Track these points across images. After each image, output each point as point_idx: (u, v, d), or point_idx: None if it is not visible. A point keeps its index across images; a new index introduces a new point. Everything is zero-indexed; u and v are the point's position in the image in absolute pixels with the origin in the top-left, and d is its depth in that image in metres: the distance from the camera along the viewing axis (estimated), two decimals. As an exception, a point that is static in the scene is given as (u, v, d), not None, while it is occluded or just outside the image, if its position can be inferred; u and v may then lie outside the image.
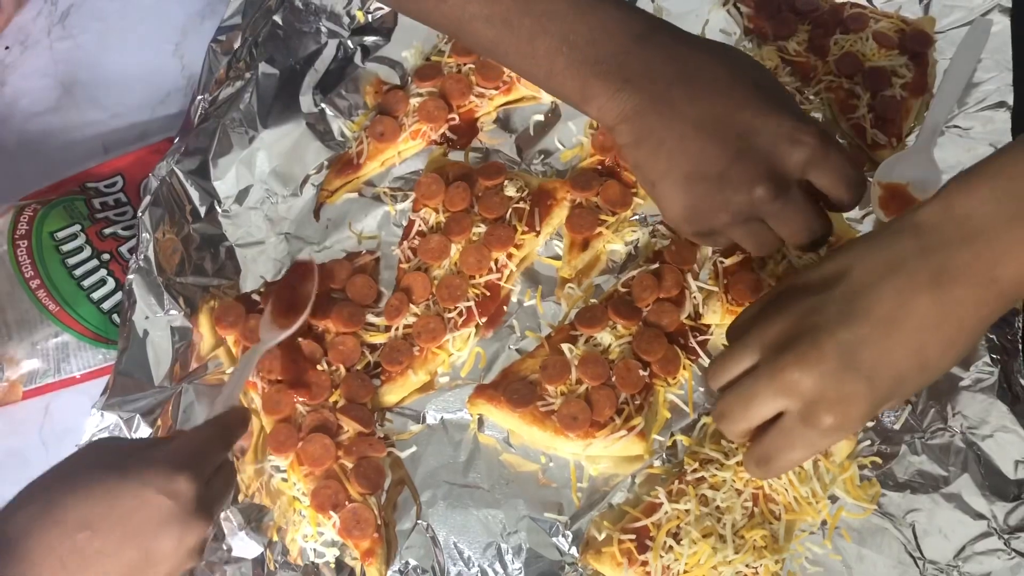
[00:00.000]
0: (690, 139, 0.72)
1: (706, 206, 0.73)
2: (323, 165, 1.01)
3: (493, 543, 0.84)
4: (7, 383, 0.94)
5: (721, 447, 0.84)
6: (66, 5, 1.15)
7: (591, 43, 0.72)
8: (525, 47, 0.74)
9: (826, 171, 0.72)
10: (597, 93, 0.73)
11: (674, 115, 0.72)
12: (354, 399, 0.88)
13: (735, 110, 0.72)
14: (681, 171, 0.72)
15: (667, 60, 0.72)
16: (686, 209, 0.74)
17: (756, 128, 0.71)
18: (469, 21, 0.75)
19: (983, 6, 1.03)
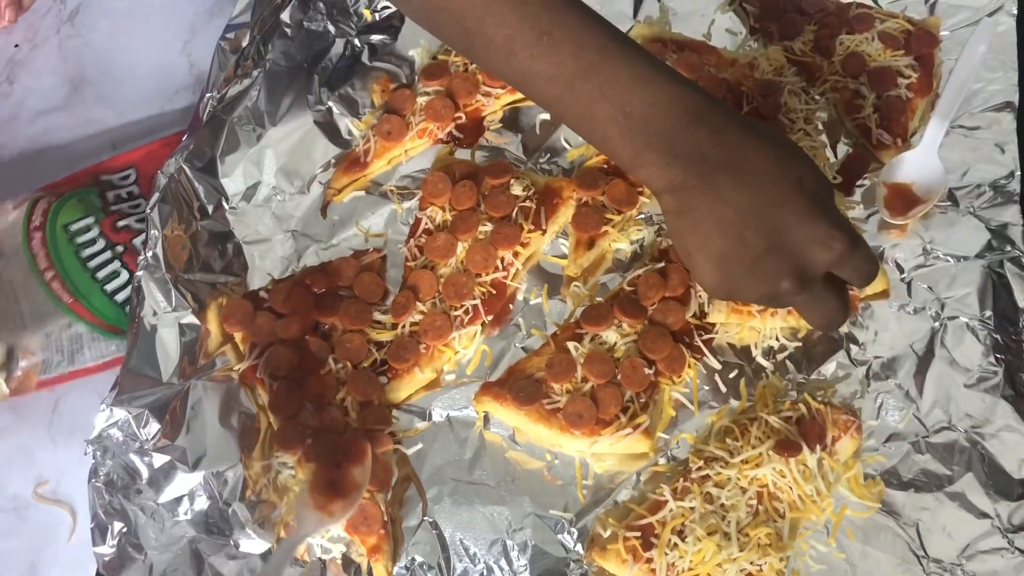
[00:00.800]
0: (728, 224, 0.75)
1: (734, 286, 0.78)
2: (330, 163, 1.02)
3: (499, 540, 0.84)
4: (21, 373, 0.94)
5: (726, 445, 0.85)
6: (75, 3, 1.16)
7: (646, 117, 0.75)
8: (584, 110, 0.77)
9: (848, 269, 0.78)
10: (648, 162, 0.76)
11: (717, 198, 0.75)
12: (361, 396, 0.88)
13: (775, 206, 0.75)
14: (715, 250, 0.76)
15: (718, 144, 0.75)
16: (715, 284, 0.78)
17: (791, 227, 0.75)
18: (534, 79, 0.77)
19: (989, 7, 1.03)
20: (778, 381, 0.89)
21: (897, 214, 0.94)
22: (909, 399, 0.87)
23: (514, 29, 0.76)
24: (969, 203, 0.95)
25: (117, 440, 0.86)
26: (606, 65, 0.75)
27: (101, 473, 0.85)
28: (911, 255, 0.93)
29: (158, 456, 0.86)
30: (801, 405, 0.86)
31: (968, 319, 0.90)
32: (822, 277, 0.77)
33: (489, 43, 0.77)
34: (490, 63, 0.80)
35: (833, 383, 0.89)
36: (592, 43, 0.76)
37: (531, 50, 0.76)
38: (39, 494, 0.92)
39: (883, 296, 0.92)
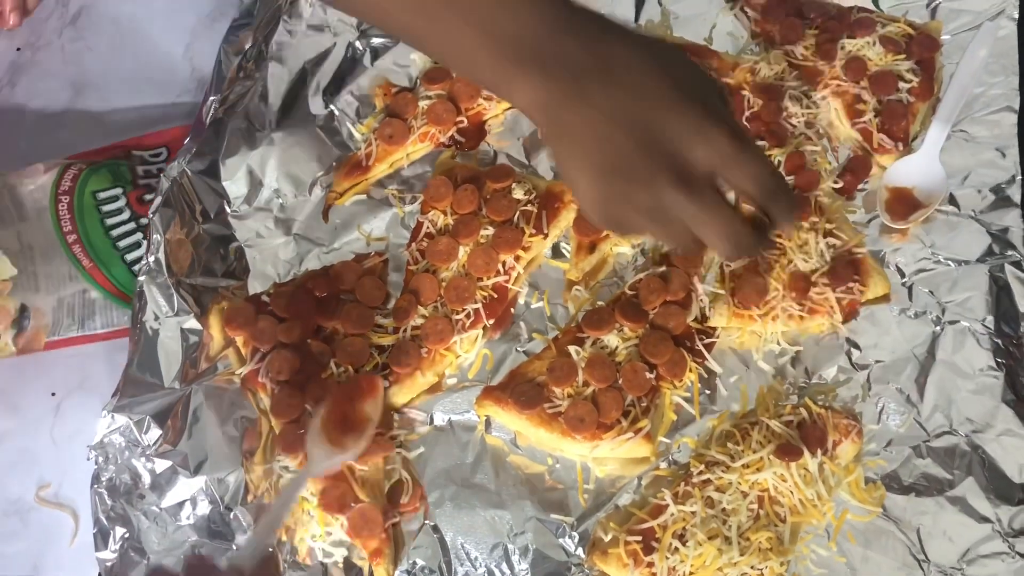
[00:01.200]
0: (599, 128, 0.69)
1: (617, 202, 0.71)
2: (332, 166, 1.02)
3: (500, 544, 0.84)
4: (31, 332, 0.96)
5: (727, 450, 0.85)
6: (77, 7, 1.16)
7: (513, 36, 0.71)
8: (449, 39, 0.73)
9: (736, 170, 0.69)
10: (518, 84, 0.71)
11: (586, 106, 0.70)
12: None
13: (647, 104, 0.69)
14: (591, 162, 0.70)
15: (585, 51, 0.70)
16: (598, 204, 0.72)
17: (663, 121, 0.69)
18: (395, 13, 0.74)
19: (990, 11, 1.03)
20: (779, 385, 0.89)
21: (898, 218, 0.94)
22: (910, 403, 0.88)
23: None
24: (970, 207, 0.95)
25: (119, 446, 0.86)
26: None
27: (103, 479, 0.85)
28: (912, 259, 0.93)
29: (160, 461, 0.86)
30: (802, 409, 0.86)
31: (969, 323, 0.90)
32: (713, 187, 0.70)
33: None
34: (347, 4, 0.78)
35: (834, 387, 0.89)
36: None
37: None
38: (41, 497, 0.92)
39: (884, 300, 0.92)
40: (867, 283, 0.91)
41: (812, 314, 0.90)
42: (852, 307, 0.91)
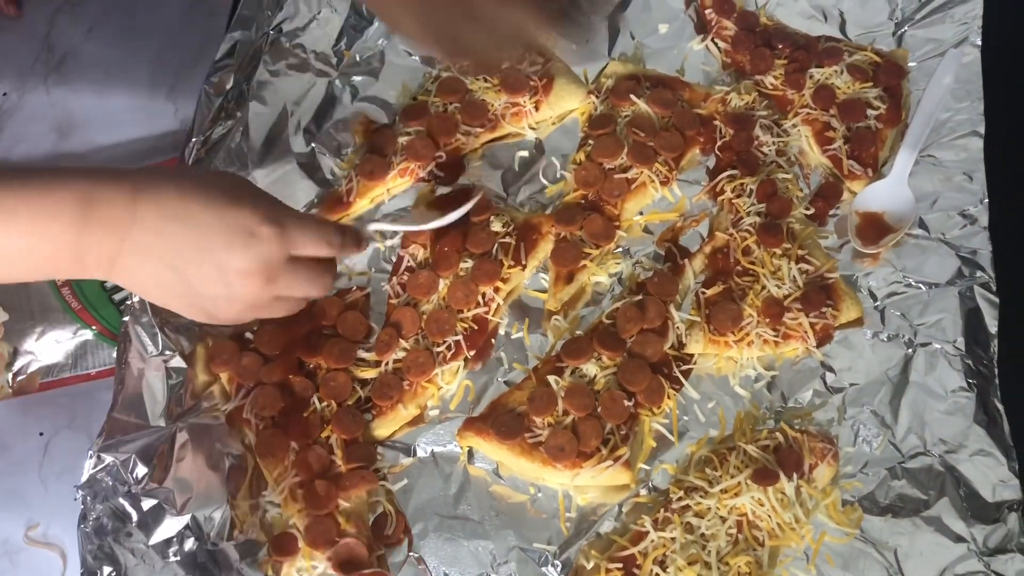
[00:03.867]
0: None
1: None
2: (313, 202, 1.03)
3: (484, 574, 0.85)
4: (26, 375, 0.98)
5: (706, 475, 0.86)
6: (63, 52, 1.18)
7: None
8: None
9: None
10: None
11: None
12: (346, 434, 0.89)
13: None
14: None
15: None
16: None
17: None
18: None
19: (954, 39, 1.06)
20: (756, 410, 0.91)
21: (869, 243, 0.96)
22: (885, 425, 0.89)
23: None
24: (939, 231, 0.97)
25: (106, 485, 0.87)
26: None
27: (90, 518, 0.86)
28: (884, 283, 0.95)
29: (146, 499, 0.87)
30: (778, 434, 0.88)
31: (941, 345, 0.91)
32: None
33: None
34: None
35: (810, 411, 0.90)
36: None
37: None
38: (30, 537, 0.93)
39: (857, 324, 0.93)
40: (840, 307, 0.93)
41: (787, 339, 0.92)
42: (826, 331, 0.92)
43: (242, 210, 0.75)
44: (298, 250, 0.78)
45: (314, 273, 0.80)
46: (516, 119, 1.05)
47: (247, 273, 0.76)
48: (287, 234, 0.76)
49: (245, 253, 0.75)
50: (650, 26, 1.11)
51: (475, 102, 1.05)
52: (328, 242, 0.80)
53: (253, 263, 0.75)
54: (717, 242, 0.97)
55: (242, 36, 1.10)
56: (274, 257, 0.76)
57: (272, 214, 0.76)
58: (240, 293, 0.76)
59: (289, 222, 0.77)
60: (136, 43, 1.18)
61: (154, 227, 0.74)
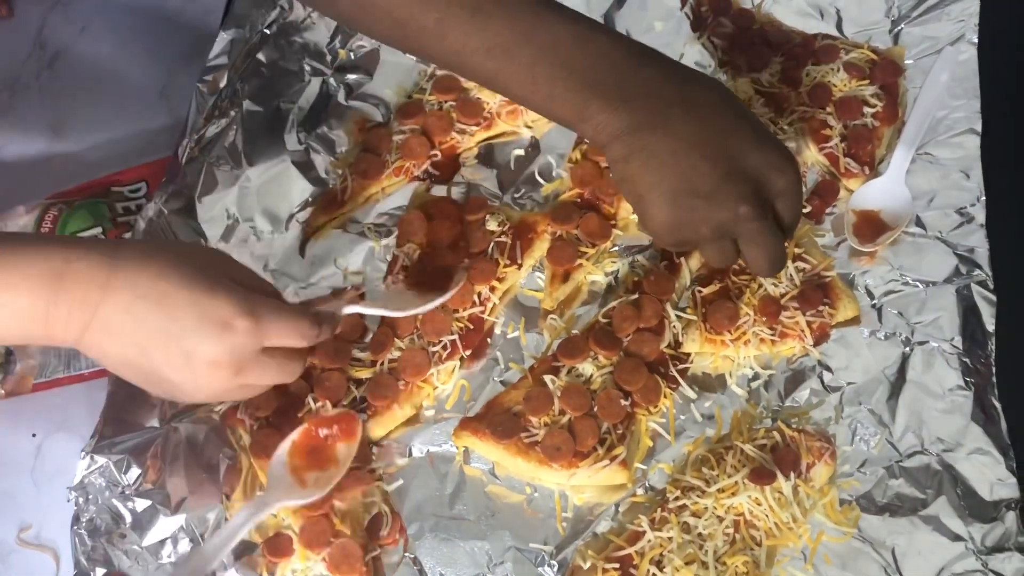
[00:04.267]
0: (682, 156, 0.76)
1: (690, 220, 0.78)
2: (308, 202, 1.03)
3: (480, 574, 0.85)
4: (18, 375, 0.96)
5: (702, 475, 0.86)
6: (54, 51, 1.17)
7: (590, 67, 0.77)
8: (525, 75, 0.78)
9: (789, 201, 0.79)
10: (595, 112, 0.77)
11: (668, 133, 0.76)
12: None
13: (727, 135, 0.77)
14: (670, 185, 0.77)
15: (663, 83, 0.78)
16: (669, 221, 0.79)
17: (747, 153, 0.77)
18: (471, 55, 0.79)
19: (951, 36, 1.05)
20: (752, 409, 0.90)
21: (866, 241, 0.96)
22: (882, 424, 0.89)
23: (444, 11, 0.78)
24: (936, 229, 0.97)
25: (99, 486, 0.86)
26: (542, 27, 0.77)
27: (83, 519, 0.85)
28: (881, 281, 0.95)
29: (140, 500, 0.86)
30: (775, 433, 0.87)
31: (938, 343, 0.91)
32: (773, 212, 0.78)
33: (421, 30, 0.79)
34: (424, 49, 0.82)
35: (807, 410, 0.90)
36: (525, 10, 0.78)
37: (464, 27, 0.78)
38: (23, 539, 0.92)
39: (854, 322, 0.93)
40: (837, 306, 0.92)
41: (783, 338, 0.92)
42: (823, 330, 0.92)
43: (217, 298, 0.73)
44: (271, 342, 0.76)
45: (285, 361, 0.79)
46: (512, 117, 1.04)
47: (216, 364, 0.74)
48: (261, 327, 0.74)
49: (216, 344, 0.73)
50: (645, 24, 1.10)
51: (470, 100, 1.04)
52: (303, 334, 0.78)
53: (223, 355, 0.73)
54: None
55: (236, 34, 1.10)
56: (246, 350, 0.74)
57: (248, 305, 0.74)
58: (206, 382, 0.75)
59: (265, 314, 0.75)
60: (129, 42, 1.18)
61: (125, 306, 0.72)
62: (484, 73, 0.80)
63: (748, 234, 0.78)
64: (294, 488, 0.81)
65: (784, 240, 0.80)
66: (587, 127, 0.79)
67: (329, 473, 0.84)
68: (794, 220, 0.80)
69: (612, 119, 0.77)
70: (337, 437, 0.85)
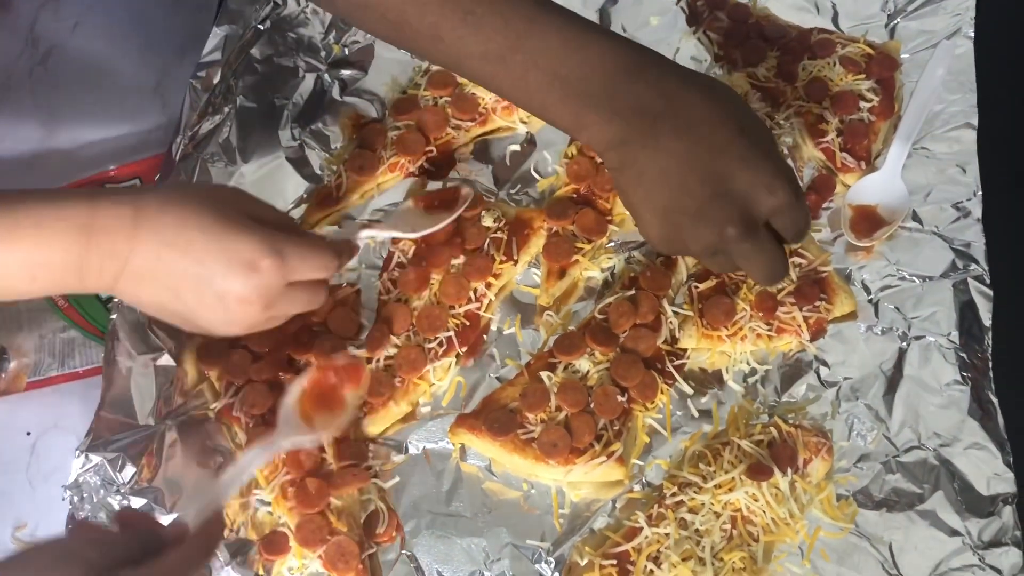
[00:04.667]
0: (672, 174, 0.75)
1: (679, 236, 0.77)
2: (303, 198, 1.02)
3: (477, 571, 0.85)
4: (11, 373, 0.96)
5: (699, 470, 0.86)
6: (47, 46, 1.16)
7: (581, 78, 0.76)
8: (518, 82, 0.78)
9: (787, 219, 0.77)
10: (589, 123, 0.77)
11: (658, 149, 0.75)
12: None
13: (717, 152, 0.75)
14: (659, 203, 0.76)
15: (656, 95, 0.75)
16: (660, 235, 0.79)
17: (735, 173, 0.74)
18: (466, 59, 0.79)
19: (947, 30, 1.05)
20: (749, 404, 0.90)
21: (862, 236, 0.96)
22: (879, 419, 0.89)
23: (436, 15, 0.77)
24: (933, 223, 0.96)
25: (94, 485, 0.86)
26: (534, 34, 0.76)
27: (79, 518, 0.85)
28: (878, 276, 0.95)
29: (135, 499, 0.86)
30: (772, 428, 0.87)
31: (935, 338, 0.91)
32: (766, 227, 0.77)
33: (415, 33, 0.79)
34: (420, 51, 0.82)
35: (804, 405, 0.90)
36: (517, 15, 0.77)
37: (457, 32, 0.77)
38: (17, 538, 0.92)
39: (851, 317, 0.93)
40: (833, 301, 0.92)
41: (780, 333, 0.92)
42: (819, 325, 0.92)
43: (241, 239, 0.75)
44: (297, 277, 0.78)
45: (309, 293, 0.81)
46: (507, 113, 1.04)
47: (246, 301, 0.76)
48: (286, 264, 0.76)
49: (245, 283, 0.75)
50: (641, 19, 1.10)
51: (465, 96, 1.04)
52: (325, 266, 0.81)
53: (253, 292, 0.76)
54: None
55: (229, 30, 1.09)
56: (273, 286, 0.76)
57: (272, 243, 0.76)
58: (239, 318, 0.77)
59: (288, 250, 0.77)
60: (122, 38, 1.17)
61: (154, 253, 0.74)
62: (481, 77, 0.80)
63: (738, 253, 0.77)
64: (302, 428, 0.82)
65: (783, 252, 0.78)
66: (582, 135, 0.79)
67: (336, 416, 0.85)
68: (796, 235, 0.78)
69: (604, 131, 0.76)
70: (345, 383, 0.86)
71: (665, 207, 0.76)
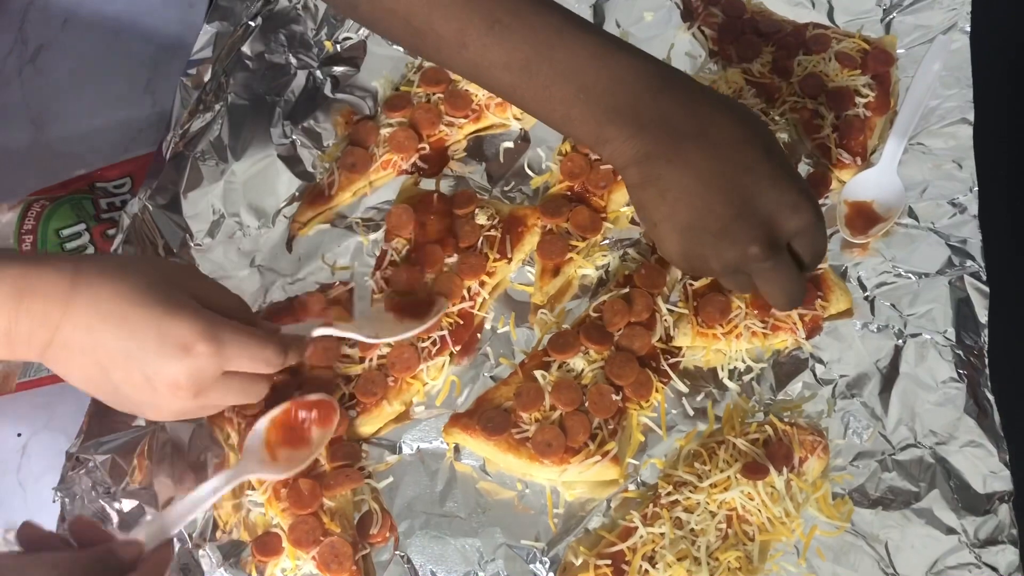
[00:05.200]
0: (696, 193, 0.75)
1: (700, 254, 0.78)
2: (295, 196, 1.02)
3: (471, 572, 0.84)
4: (3, 375, 0.96)
5: (695, 469, 0.85)
6: (37, 44, 1.16)
7: (607, 92, 0.75)
8: (542, 93, 0.77)
9: (808, 240, 0.77)
10: (611, 137, 0.76)
11: (683, 165, 0.75)
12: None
13: (744, 171, 0.75)
14: (682, 220, 0.76)
15: (682, 112, 0.75)
16: (681, 253, 0.79)
17: (761, 192, 0.75)
18: (488, 68, 0.78)
19: (942, 25, 1.05)
20: (745, 403, 0.90)
21: (858, 232, 0.95)
22: (875, 417, 0.88)
23: (463, 21, 0.76)
24: (929, 219, 0.96)
25: (85, 486, 0.86)
26: (561, 46, 0.75)
27: (70, 519, 0.84)
28: (873, 273, 0.94)
29: (127, 500, 0.85)
30: (768, 427, 0.87)
31: (931, 335, 0.91)
32: (787, 249, 0.77)
33: (439, 39, 0.78)
34: (442, 58, 0.81)
35: (799, 403, 0.89)
36: (545, 26, 0.76)
37: (483, 40, 0.76)
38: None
39: (847, 315, 0.92)
40: (829, 298, 0.92)
41: (775, 331, 0.91)
42: (815, 323, 0.91)
43: (179, 321, 0.72)
44: (233, 367, 0.76)
45: (247, 385, 0.78)
46: (501, 109, 1.03)
47: (176, 386, 0.73)
48: (223, 351, 0.74)
49: (176, 367, 0.72)
50: (635, 14, 1.09)
51: (458, 92, 1.03)
52: (267, 360, 0.77)
53: (183, 378, 0.73)
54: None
55: (220, 27, 1.08)
56: (207, 373, 0.74)
57: (211, 328, 0.73)
58: (167, 402, 0.75)
59: (228, 337, 0.74)
60: (112, 35, 1.16)
61: (86, 325, 0.71)
62: (502, 87, 0.79)
63: (759, 273, 0.77)
64: (265, 463, 0.81)
65: (802, 276, 0.79)
66: (604, 150, 0.77)
67: (301, 453, 0.84)
68: (814, 259, 0.79)
69: (628, 146, 0.75)
70: (314, 421, 0.85)
71: (688, 224, 0.76)
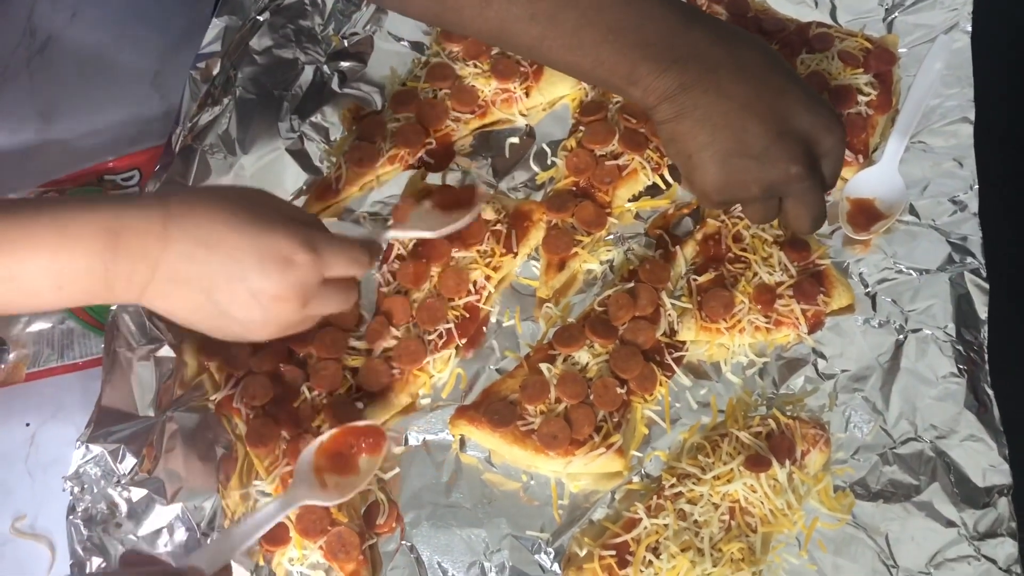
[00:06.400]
0: (734, 117, 0.77)
1: (741, 180, 0.78)
2: (302, 190, 1.03)
3: (476, 562, 0.85)
4: (10, 364, 0.97)
5: (698, 462, 0.86)
6: (44, 37, 1.16)
7: (637, 28, 0.77)
8: (570, 40, 0.78)
9: (834, 159, 0.80)
10: (644, 74, 0.77)
11: (720, 93, 0.77)
12: (338, 423, 0.88)
13: (777, 95, 0.77)
14: (722, 146, 0.77)
15: (713, 43, 0.77)
16: (719, 181, 0.79)
17: (798, 113, 0.77)
18: (514, 22, 0.78)
19: (944, 25, 1.06)
20: (748, 396, 0.91)
21: (860, 229, 0.96)
22: (876, 411, 0.89)
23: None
24: (930, 217, 0.97)
25: (94, 476, 0.86)
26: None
27: (79, 509, 0.85)
28: (875, 269, 0.95)
29: (136, 490, 0.86)
30: (770, 420, 0.88)
31: (931, 331, 0.92)
32: (820, 169, 0.79)
33: (461, 1, 0.78)
34: (464, 21, 0.81)
35: (801, 397, 0.91)
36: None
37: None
38: (17, 529, 0.92)
39: (849, 310, 0.94)
40: (831, 294, 0.93)
41: (778, 326, 0.92)
42: (817, 318, 0.93)
43: (276, 236, 0.74)
44: (331, 272, 0.77)
45: (343, 291, 0.80)
46: (506, 105, 1.04)
47: (283, 299, 0.75)
48: (322, 259, 0.76)
49: (282, 279, 0.74)
50: (640, 12, 1.10)
51: (465, 88, 1.04)
52: (359, 262, 0.80)
53: (290, 289, 0.74)
54: (708, 229, 0.97)
55: (229, 21, 1.09)
56: (310, 282, 0.75)
57: (306, 239, 0.75)
58: (275, 317, 0.76)
59: (322, 245, 0.76)
60: (120, 28, 1.17)
61: (186, 254, 0.72)
62: (527, 40, 0.79)
63: (797, 193, 0.79)
64: (315, 488, 0.82)
65: (823, 199, 0.81)
66: (635, 90, 0.78)
67: (350, 480, 0.84)
68: (834, 179, 0.81)
69: (662, 80, 0.77)
70: (363, 449, 0.85)
71: (729, 150, 0.77)
